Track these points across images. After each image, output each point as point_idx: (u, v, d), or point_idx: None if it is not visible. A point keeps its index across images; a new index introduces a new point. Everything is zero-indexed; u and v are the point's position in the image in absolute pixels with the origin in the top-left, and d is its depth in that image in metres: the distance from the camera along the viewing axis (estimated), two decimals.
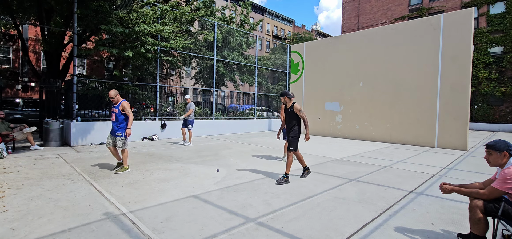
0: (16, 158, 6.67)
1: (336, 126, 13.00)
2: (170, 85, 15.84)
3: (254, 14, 43.16)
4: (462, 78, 9.45)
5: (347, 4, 30.55)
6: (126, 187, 4.47)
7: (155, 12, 11.00)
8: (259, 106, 18.75)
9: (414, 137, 10.54)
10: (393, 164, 6.80)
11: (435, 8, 24.37)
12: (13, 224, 3.03)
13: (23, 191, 4.17)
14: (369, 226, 3.14)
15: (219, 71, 17.42)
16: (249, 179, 5.10)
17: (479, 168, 6.54)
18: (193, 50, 15.12)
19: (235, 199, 3.96)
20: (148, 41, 10.26)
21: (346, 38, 12.96)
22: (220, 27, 17.50)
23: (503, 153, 2.51)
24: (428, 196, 4.25)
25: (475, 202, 2.55)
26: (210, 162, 6.58)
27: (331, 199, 4.05)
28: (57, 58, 11.57)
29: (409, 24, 10.93)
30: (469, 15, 9.40)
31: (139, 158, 7.02)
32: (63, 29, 10.91)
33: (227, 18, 19.32)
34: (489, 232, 2.57)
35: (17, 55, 21.07)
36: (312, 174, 5.56)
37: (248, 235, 2.86)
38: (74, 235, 2.80)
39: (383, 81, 11.39)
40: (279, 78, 21.80)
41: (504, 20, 21.28)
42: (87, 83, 10.95)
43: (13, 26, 11.75)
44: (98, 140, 9.50)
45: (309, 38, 37.92)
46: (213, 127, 13.44)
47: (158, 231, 2.92)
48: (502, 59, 21.41)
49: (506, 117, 21.23)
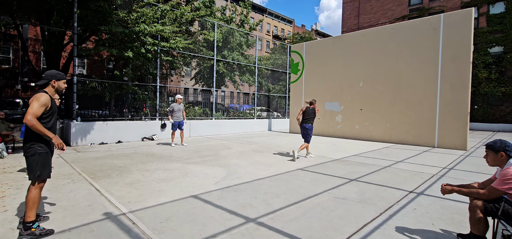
0: (16, 158, 6.67)
1: (336, 125, 13.00)
2: (170, 85, 15.86)
3: (254, 14, 43.16)
4: (462, 78, 9.45)
5: (347, 4, 30.54)
6: (126, 187, 4.47)
7: (155, 12, 11.00)
8: (259, 106, 18.75)
9: (414, 136, 10.54)
10: (393, 164, 6.80)
11: (435, 8, 24.36)
12: (13, 224, 3.04)
13: (23, 191, 4.17)
14: (369, 226, 3.14)
15: (219, 71, 17.41)
16: (249, 179, 5.10)
17: (479, 168, 6.54)
18: (193, 50, 15.11)
19: (235, 199, 3.96)
20: (148, 41, 10.25)
21: (346, 38, 12.96)
22: (220, 27, 17.49)
23: (499, 153, 2.52)
24: (428, 196, 4.25)
25: (475, 202, 2.55)
26: (210, 162, 6.58)
27: (331, 199, 4.04)
28: (57, 58, 11.56)
29: (409, 24, 10.93)
30: (469, 15, 9.40)
31: (139, 158, 7.02)
32: (63, 29, 10.90)
33: (227, 18, 19.32)
34: (489, 232, 2.57)
35: (17, 55, 21.07)
36: (312, 174, 5.56)
37: (248, 235, 2.86)
38: (74, 235, 2.80)
39: (383, 81, 11.39)
40: (279, 78, 21.80)
41: (504, 20, 21.27)
42: (87, 83, 10.95)
43: (13, 26, 11.75)
44: (98, 140, 9.50)
45: (309, 38, 37.90)
46: (213, 127, 13.45)
47: (158, 231, 2.92)
48: (502, 59, 21.40)
49: (506, 117, 21.22)
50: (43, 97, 2.76)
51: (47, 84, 2.92)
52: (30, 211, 2.76)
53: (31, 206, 2.76)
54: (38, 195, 2.81)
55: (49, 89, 2.93)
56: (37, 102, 2.72)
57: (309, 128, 7.32)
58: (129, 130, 10.35)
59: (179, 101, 9.30)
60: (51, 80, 2.93)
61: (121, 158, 6.98)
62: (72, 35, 9.40)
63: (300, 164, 6.58)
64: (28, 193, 2.79)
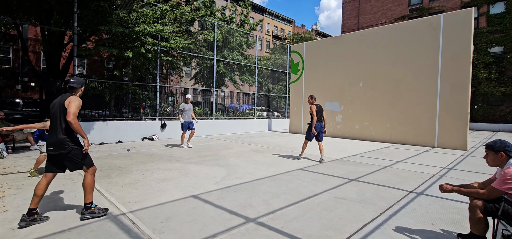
0: (16, 158, 6.68)
1: (336, 125, 13.00)
2: (170, 85, 15.84)
3: (254, 14, 43.16)
4: (462, 78, 9.45)
5: (347, 4, 30.54)
6: (126, 187, 4.47)
7: (155, 12, 10.99)
8: (259, 106, 18.75)
9: (414, 136, 10.54)
10: (393, 164, 6.80)
11: (435, 8, 24.36)
12: (13, 224, 3.03)
13: (23, 191, 4.17)
14: (369, 226, 3.14)
15: (219, 71, 17.41)
16: (249, 179, 5.10)
17: (479, 168, 6.54)
18: (193, 50, 15.11)
19: (235, 199, 3.96)
20: (148, 41, 10.25)
21: (346, 38, 12.96)
22: (220, 27, 17.49)
23: (499, 153, 2.52)
24: (428, 196, 4.25)
25: (475, 202, 2.55)
26: (210, 162, 6.58)
27: (331, 199, 4.04)
28: (57, 58, 11.56)
29: (409, 24, 10.93)
30: (469, 15, 9.40)
31: (139, 158, 7.02)
32: (63, 29, 10.90)
33: (227, 18, 19.31)
34: (489, 232, 2.57)
35: (17, 55, 21.07)
36: (312, 174, 5.56)
37: (248, 235, 2.86)
38: (74, 235, 2.80)
39: (383, 81, 11.39)
40: (279, 78, 21.80)
41: (504, 20, 21.27)
42: (87, 83, 10.95)
43: (13, 26, 11.75)
44: (98, 140, 9.50)
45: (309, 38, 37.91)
46: (213, 127, 13.45)
47: (158, 231, 2.92)
48: (502, 59, 21.40)
49: (506, 117, 21.22)
50: (78, 101, 3.21)
51: (78, 89, 3.39)
52: (88, 194, 3.24)
53: (89, 190, 3.25)
54: (93, 180, 3.29)
55: (79, 94, 3.40)
56: (75, 105, 3.13)
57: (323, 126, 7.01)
58: (129, 130, 10.35)
59: (189, 101, 9.04)
60: (81, 86, 3.44)
61: (121, 158, 6.98)
62: (72, 35, 9.40)
63: (300, 164, 6.58)
64: (84, 180, 3.25)
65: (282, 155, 7.82)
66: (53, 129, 3.16)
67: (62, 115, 3.12)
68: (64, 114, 3.10)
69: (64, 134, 3.13)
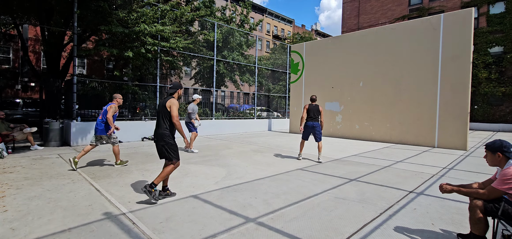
0: (16, 158, 6.67)
1: (336, 125, 13.00)
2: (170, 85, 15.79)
3: (254, 14, 43.17)
4: (462, 78, 9.45)
5: (347, 4, 30.54)
6: (126, 187, 4.47)
7: (155, 12, 10.99)
8: (259, 106, 18.74)
9: (414, 136, 10.54)
10: (393, 164, 6.80)
11: (435, 8, 24.36)
12: (13, 224, 3.03)
13: (23, 191, 4.17)
14: (369, 226, 3.14)
15: (219, 71, 17.41)
16: (249, 179, 5.10)
17: (479, 168, 6.54)
18: (193, 50, 15.11)
19: (235, 199, 3.96)
20: (148, 41, 10.25)
21: (346, 38, 12.96)
22: (220, 27, 17.48)
23: (496, 154, 2.52)
24: (428, 196, 4.25)
25: (475, 202, 2.55)
26: (210, 162, 6.58)
27: (331, 199, 4.05)
28: (57, 58, 11.56)
29: (409, 24, 10.93)
30: (469, 15, 9.40)
31: (139, 158, 7.02)
32: (63, 29, 10.90)
33: (227, 18, 19.30)
34: (489, 232, 2.57)
35: (17, 55, 21.08)
36: (312, 174, 5.56)
37: (248, 235, 2.86)
38: (74, 235, 2.80)
39: (383, 81, 11.39)
40: (279, 78, 21.80)
41: (504, 20, 21.27)
42: (87, 83, 10.96)
43: (13, 26, 11.74)
44: None
45: (309, 38, 37.91)
46: (213, 126, 13.45)
47: (158, 231, 2.92)
48: (502, 59, 21.40)
49: (506, 117, 21.22)
50: (177, 104, 3.79)
51: (175, 92, 3.94)
52: (160, 178, 3.71)
53: (162, 176, 3.74)
54: (171, 171, 3.79)
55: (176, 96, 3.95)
56: (176, 107, 3.75)
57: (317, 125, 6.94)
58: (129, 130, 10.35)
59: (197, 102, 8.66)
60: (178, 89, 3.98)
61: (121, 158, 6.96)
62: (72, 35, 9.40)
63: (300, 164, 6.58)
64: (165, 167, 3.79)
65: (282, 155, 7.82)
66: (157, 124, 3.85)
67: (163, 114, 3.77)
68: (165, 114, 3.75)
69: (164, 130, 3.76)
